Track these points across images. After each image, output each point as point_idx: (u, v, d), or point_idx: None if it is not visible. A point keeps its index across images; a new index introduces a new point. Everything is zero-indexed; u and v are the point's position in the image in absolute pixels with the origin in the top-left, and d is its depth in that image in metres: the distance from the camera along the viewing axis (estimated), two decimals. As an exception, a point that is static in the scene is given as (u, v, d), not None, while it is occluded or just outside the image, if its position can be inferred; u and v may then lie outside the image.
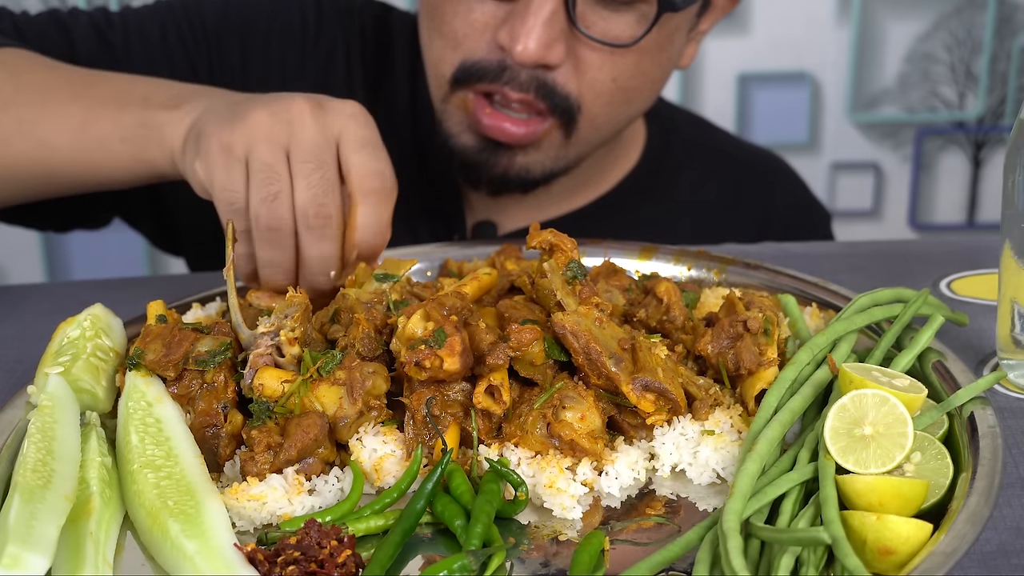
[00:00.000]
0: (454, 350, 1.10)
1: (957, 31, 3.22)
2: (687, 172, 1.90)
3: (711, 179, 1.92)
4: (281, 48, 1.80)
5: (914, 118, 3.31)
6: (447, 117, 1.62)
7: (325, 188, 1.27)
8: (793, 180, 2.02)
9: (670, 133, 1.91)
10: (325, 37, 1.82)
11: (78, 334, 1.24)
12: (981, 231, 3.43)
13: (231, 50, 1.79)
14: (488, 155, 1.61)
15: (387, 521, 1.06)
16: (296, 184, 1.27)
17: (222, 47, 1.78)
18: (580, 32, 1.50)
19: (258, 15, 1.81)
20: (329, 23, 1.82)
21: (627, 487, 1.13)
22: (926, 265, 1.56)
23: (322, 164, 1.27)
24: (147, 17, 1.78)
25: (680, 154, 1.91)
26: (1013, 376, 1.23)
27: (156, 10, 1.80)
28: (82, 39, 1.71)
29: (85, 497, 1.04)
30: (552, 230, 1.23)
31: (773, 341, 1.20)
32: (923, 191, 3.40)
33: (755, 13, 3.18)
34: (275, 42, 1.80)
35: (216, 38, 1.78)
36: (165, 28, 1.76)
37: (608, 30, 1.52)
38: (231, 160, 1.27)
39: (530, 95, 1.54)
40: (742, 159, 1.98)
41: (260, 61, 1.80)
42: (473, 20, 1.53)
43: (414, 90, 1.82)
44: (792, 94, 3.27)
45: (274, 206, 1.26)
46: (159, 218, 1.90)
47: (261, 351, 1.16)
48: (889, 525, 0.95)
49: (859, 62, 3.24)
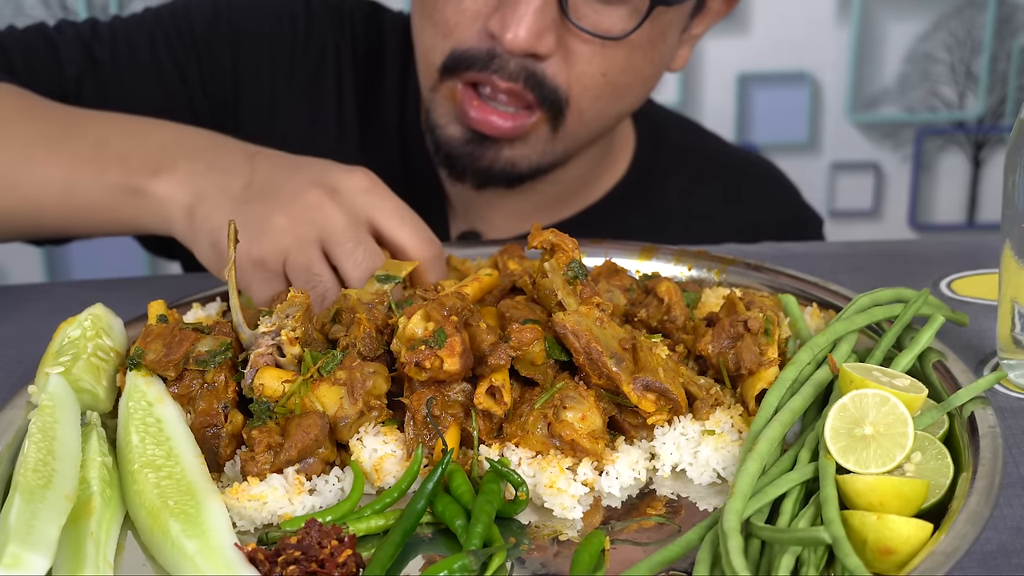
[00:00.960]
0: (454, 351, 1.10)
1: (957, 31, 3.22)
2: (676, 179, 1.89)
3: (701, 186, 1.90)
4: (271, 52, 1.80)
5: (914, 118, 3.31)
6: (435, 107, 1.61)
7: (373, 260, 1.29)
8: (784, 186, 2.00)
9: (659, 138, 1.90)
10: (315, 40, 1.81)
11: (79, 334, 1.24)
12: (981, 231, 3.43)
13: (221, 56, 1.78)
14: (474, 147, 1.60)
15: (388, 521, 1.06)
16: (344, 267, 1.28)
17: (212, 54, 1.77)
18: (571, 23, 1.50)
19: (248, 20, 1.80)
20: (319, 26, 1.82)
21: (628, 487, 1.13)
22: (926, 265, 1.56)
23: (360, 240, 1.29)
24: (135, 28, 1.76)
25: (669, 160, 1.90)
26: (1013, 376, 1.23)
27: (144, 20, 1.78)
28: (69, 58, 1.70)
29: (86, 497, 1.04)
30: (553, 230, 1.23)
31: (774, 341, 1.20)
32: (923, 191, 3.40)
33: (755, 13, 3.18)
34: (265, 46, 1.80)
35: (205, 45, 1.77)
36: (154, 39, 1.75)
37: (600, 22, 1.52)
38: (267, 275, 1.29)
39: (518, 85, 1.53)
40: (732, 165, 1.96)
41: (251, 66, 1.79)
42: (464, 8, 1.53)
43: (404, 93, 1.81)
44: (792, 94, 3.27)
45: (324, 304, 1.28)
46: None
47: (262, 351, 1.16)
48: (889, 525, 0.95)
49: (859, 62, 3.24)
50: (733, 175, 1.94)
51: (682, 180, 1.89)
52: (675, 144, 1.92)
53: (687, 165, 1.91)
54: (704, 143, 1.99)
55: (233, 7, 1.81)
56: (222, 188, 1.34)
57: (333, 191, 1.30)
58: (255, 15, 1.81)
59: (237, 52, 1.78)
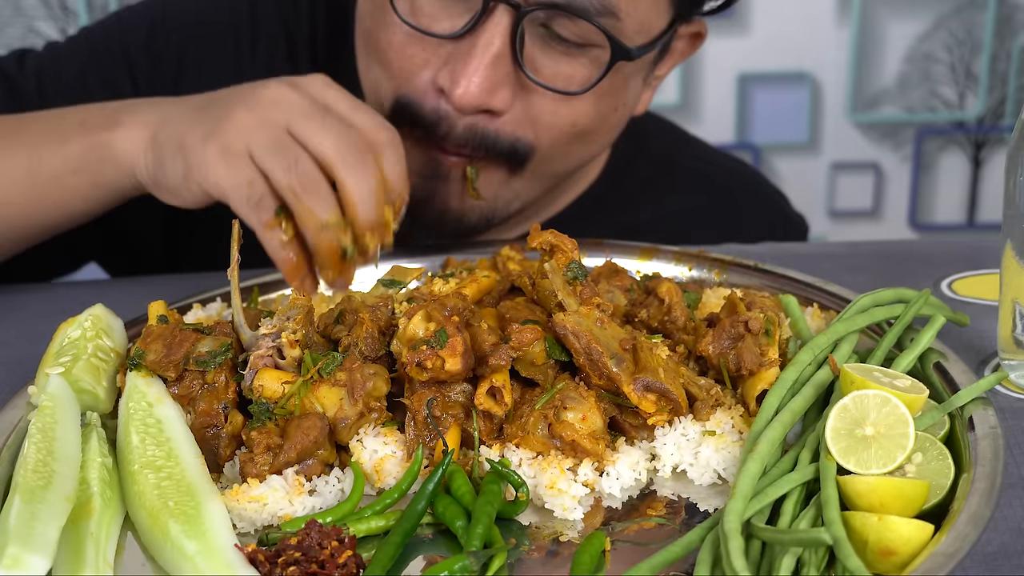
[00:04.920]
0: (455, 351, 1.10)
1: (957, 31, 3.22)
2: (650, 192, 1.80)
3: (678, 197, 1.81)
4: (215, 53, 1.72)
5: (914, 118, 3.31)
6: None
7: (343, 126, 1.26)
8: (766, 196, 1.93)
9: (638, 149, 1.81)
10: (264, 35, 1.73)
11: (79, 334, 1.24)
12: (981, 231, 3.43)
13: (162, 65, 1.71)
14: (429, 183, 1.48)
15: (388, 522, 1.06)
16: (314, 139, 1.25)
17: (153, 63, 1.71)
18: (527, 77, 1.40)
19: (187, 24, 1.73)
20: (267, 21, 1.73)
21: (628, 488, 1.13)
22: (927, 265, 1.56)
23: (327, 113, 1.27)
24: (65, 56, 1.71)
25: (646, 171, 1.81)
26: (1014, 376, 1.23)
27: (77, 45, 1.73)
28: None
29: (86, 498, 1.04)
30: (552, 231, 1.23)
31: (774, 342, 1.20)
32: (923, 191, 3.40)
33: (755, 13, 3.18)
34: (208, 48, 1.72)
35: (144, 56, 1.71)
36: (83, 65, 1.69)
37: (559, 73, 1.42)
38: (231, 157, 1.25)
39: (466, 150, 1.44)
40: (713, 175, 1.88)
41: (195, 69, 1.71)
42: (412, 55, 1.42)
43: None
44: (792, 94, 3.27)
45: (299, 168, 1.24)
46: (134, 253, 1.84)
47: (262, 352, 1.16)
48: (890, 526, 0.95)
49: (859, 62, 3.24)
50: (714, 188, 1.86)
51: (658, 193, 1.80)
52: (654, 153, 1.83)
53: (665, 176, 1.83)
54: (685, 152, 1.90)
55: (169, 13, 1.75)
56: (184, 108, 1.34)
57: (292, 83, 1.30)
58: (194, 17, 1.75)
59: (181, 58, 1.72)
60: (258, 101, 1.28)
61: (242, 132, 1.26)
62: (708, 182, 1.87)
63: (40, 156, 1.41)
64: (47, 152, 1.41)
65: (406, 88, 1.44)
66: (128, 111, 1.39)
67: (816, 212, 3.33)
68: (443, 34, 1.40)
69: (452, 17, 1.40)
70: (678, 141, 1.95)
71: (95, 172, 1.39)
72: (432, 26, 1.40)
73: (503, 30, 1.37)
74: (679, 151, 1.90)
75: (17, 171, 1.42)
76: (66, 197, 1.43)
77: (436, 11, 1.40)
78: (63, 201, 1.43)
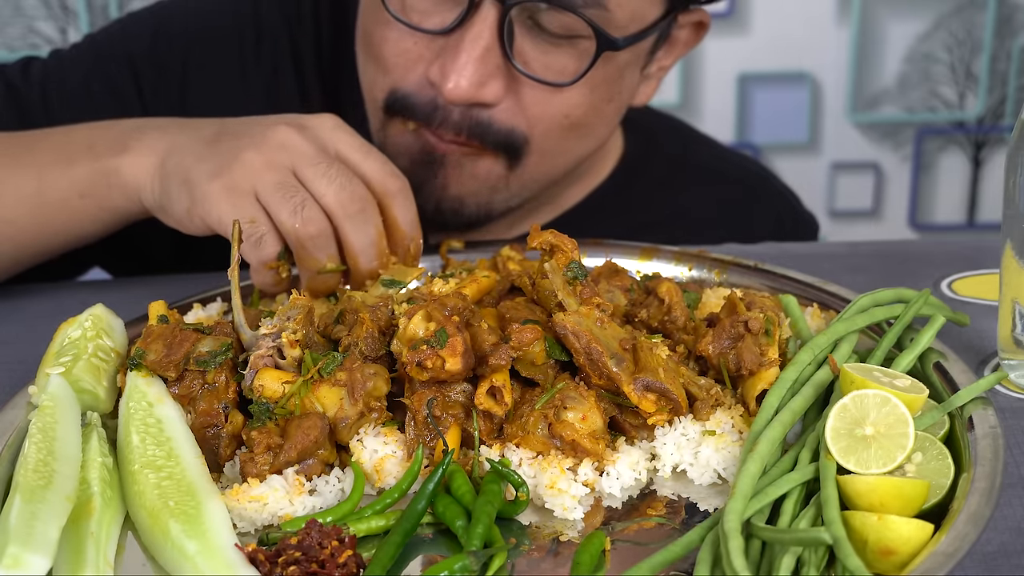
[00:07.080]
0: (456, 350, 1.10)
1: (957, 31, 3.22)
2: (665, 190, 1.81)
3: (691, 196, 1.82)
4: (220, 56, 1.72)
5: (914, 118, 3.31)
6: (385, 149, 1.51)
7: (346, 177, 1.28)
8: (777, 194, 1.94)
9: (651, 148, 1.82)
10: (267, 38, 1.73)
11: (79, 334, 1.24)
12: (981, 231, 3.43)
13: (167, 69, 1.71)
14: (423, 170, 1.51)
15: (388, 521, 1.06)
16: (318, 188, 1.28)
17: (158, 69, 1.71)
18: (516, 69, 1.42)
19: (191, 28, 1.73)
20: (270, 24, 1.74)
21: (628, 487, 1.13)
22: (927, 265, 1.56)
23: (333, 162, 1.29)
24: (69, 63, 1.71)
25: (660, 169, 1.82)
26: (1014, 376, 1.23)
27: (81, 52, 1.73)
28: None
29: (86, 497, 1.04)
30: (553, 231, 1.23)
31: (774, 341, 1.20)
32: (923, 191, 3.41)
33: (755, 13, 3.18)
34: (211, 60, 1.72)
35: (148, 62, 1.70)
36: (88, 72, 1.69)
37: (549, 64, 1.43)
38: (237, 196, 1.27)
39: (463, 136, 1.46)
40: (725, 173, 1.89)
41: (199, 73, 1.72)
42: (405, 50, 1.45)
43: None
44: (792, 94, 3.27)
45: (305, 213, 1.27)
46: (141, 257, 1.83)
47: (262, 352, 1.16)
48: (890, 525, 0.95)
49: (859, 62, 3.24)
50: (726, 186, 1.87)
51: (671, 191, 1.81)
52: (666, 153, 1.84)
53: (678, 175, 1.84)
54: (696, 152, 1.91)
55: (172, 19, 1.75)
56: (192, 137, 1.35)
57: (301, 126, 1.31)
58: (197, 22, 1.75)
59: (185, 63, 1.72)
60: (266, 142, 1.30)
61: (248, 173, 1.28)
62: (722, 179, 1.88)
63: (47, 178, 1.42)
64: (54, 175, 1.42)
65: (400, 83, 1.48)
66: (136, 135, 1.39)
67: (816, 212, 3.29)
68: (433, 29, 1.43)
69: (442, 12, 1.43)
70: (689, 139, 1.96)
71: (102, 197, 1.40)
72: (423, 22, 1.43)
73: (491, 24, 1.39)
74: (691, 149, 1.92)
75: (24, 192, 1.43)
76: (73, 219, 1.44)
77: (427, 7, 1.43)
78: (70, 222, 1.44)
